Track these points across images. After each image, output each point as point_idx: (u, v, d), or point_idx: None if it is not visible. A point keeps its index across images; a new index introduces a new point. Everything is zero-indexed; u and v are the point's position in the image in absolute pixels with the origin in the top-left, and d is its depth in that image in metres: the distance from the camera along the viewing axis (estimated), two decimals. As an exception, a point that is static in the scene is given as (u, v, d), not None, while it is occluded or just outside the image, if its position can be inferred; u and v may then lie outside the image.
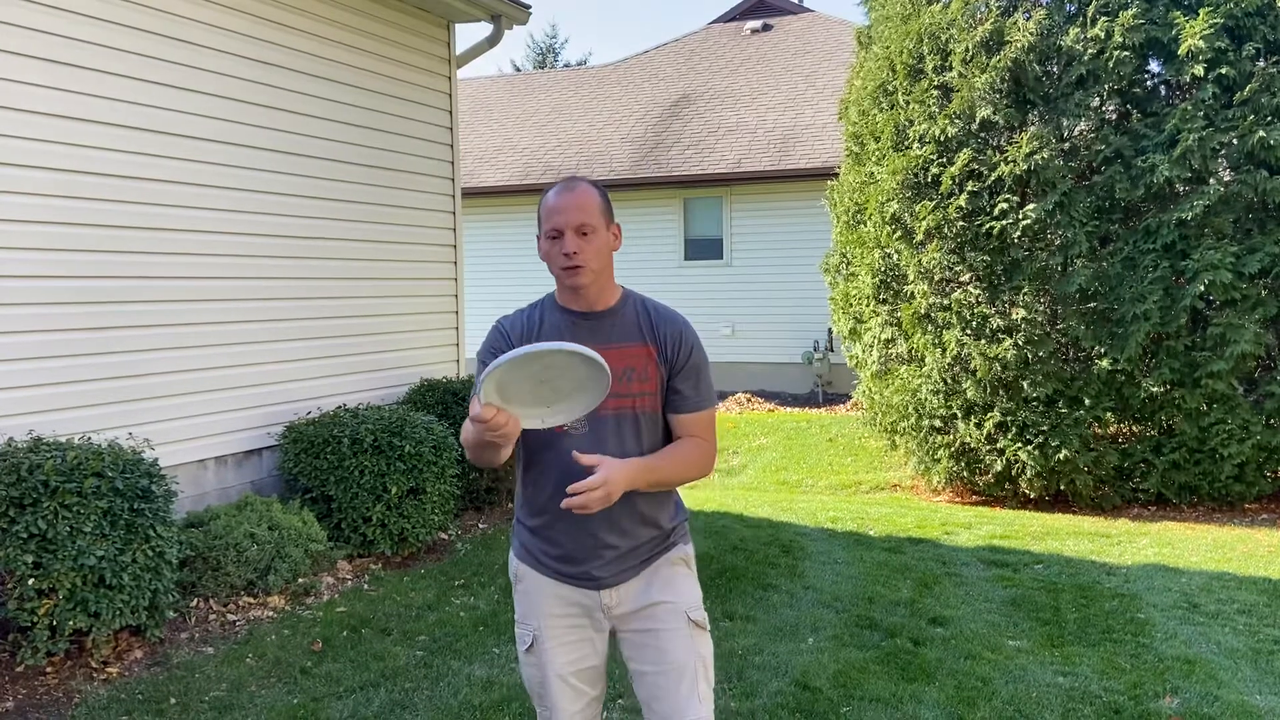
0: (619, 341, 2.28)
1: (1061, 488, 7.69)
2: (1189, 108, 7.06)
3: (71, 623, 3.82)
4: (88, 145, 4.72)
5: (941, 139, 7.76)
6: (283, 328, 5.91)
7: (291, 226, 5.95)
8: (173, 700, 3.76)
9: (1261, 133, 6.84)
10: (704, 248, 14.33)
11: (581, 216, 2.22)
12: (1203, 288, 6.98)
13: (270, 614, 4.71)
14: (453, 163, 7.42)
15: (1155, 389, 7.30)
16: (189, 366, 5.30)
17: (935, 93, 7.91)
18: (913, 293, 8.07)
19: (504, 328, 2.34)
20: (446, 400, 6.44)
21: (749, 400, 13.14)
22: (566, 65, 35.50)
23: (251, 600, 4.80)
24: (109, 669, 4.01)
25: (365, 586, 5.18)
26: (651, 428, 2.30)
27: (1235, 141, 7.04)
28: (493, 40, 7.42)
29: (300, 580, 4.98)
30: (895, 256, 8.29)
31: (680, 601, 2.32)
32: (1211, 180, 7.10)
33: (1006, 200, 7.44)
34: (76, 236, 4.69)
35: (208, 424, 5.41)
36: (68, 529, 3.80)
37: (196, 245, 5.33)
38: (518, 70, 34.68)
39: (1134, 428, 7.78)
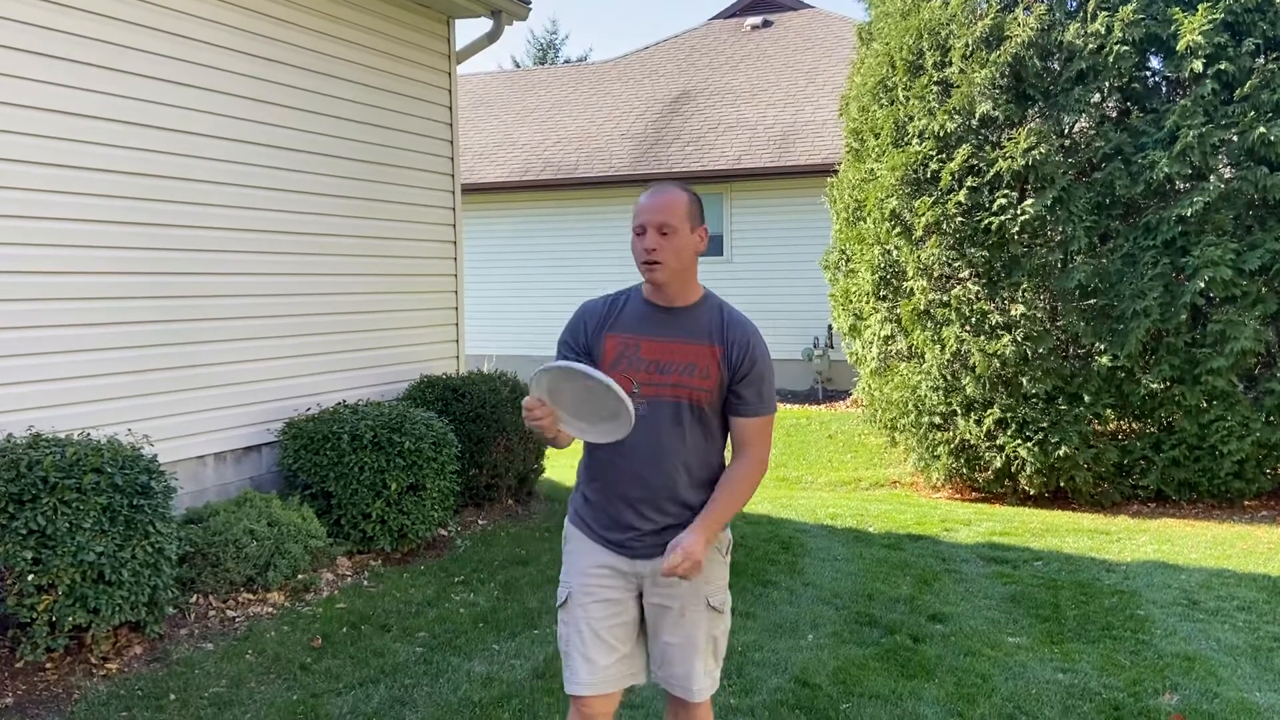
0: (689, 338, 2.48)
1: (1061, 484, 7.69)
2: (1189, 104, 7.05)
3: (71, 619, 3.82)
4: (81, 140, 4.71)
5: (941, 135, 7.75)
6: (282, 324, 5.90)
7: (291, 222, 5.94)
8: (172, 696, 3.76)
9: (1262, 129, 6.83)
10: (704, 244, 14.30)
11: (664, 216, 2.42)
12: (1203, 284, 6.97)
13: (270, 610, 4.71)
14: (453, 159, 7.41)
15: (1155, 386, 7.30)
16: (188, 363, 5.29)
17: (935, 88, 7.90)
18: (912, 289, 8.07)
19: (585, 311, 2.57)
20: (446, 397, 6.44)
21: (749, 397, 13.11)
22: (567, 61, 35.47)
23: (251, 596, 4.80)
24: (109, 665, 4.00)
25: (365, 583, 5.17)
26: (705, 420, 2.49)
27: (1235, 138, 7.03)
28: (493, 36, 7.41)
29: (300, 576, 4.98)
30: (895, 253, 8.28)
31: (702, 588, 2.51)
32: (1212, 177, 7.09)
33: (1006, 196, 7.44)
34: (73, 233, 4.68)
35: (207, 420, 5.41)
36: (67, 525, 3.80)
37: (195, 241, 5.32)
38: (518, 66, 34.63)
39: (1134, 424, 7.78)
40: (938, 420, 8.05)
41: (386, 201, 6.72)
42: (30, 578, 3.73)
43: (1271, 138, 6.82)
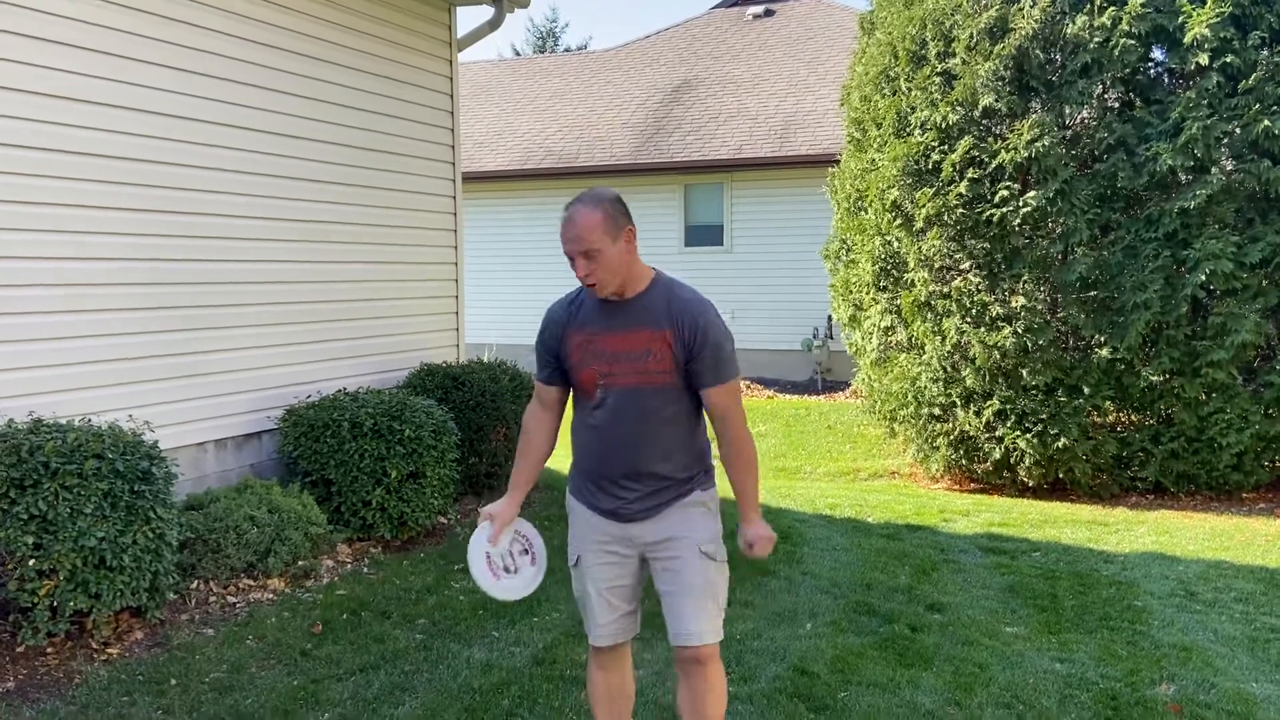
0: (640, 325, 2.67)
1: (1060, 476, 7.71)
2: (1193, 96, 7.04)
3: (72, 603, 3.83)
4: (84, 126, 4.70)
5: (943, 126, 7.74)
6: (283, 311, 5.90)
7: (293, 209, 5.94)
8: (173, 681, 3.77)
9: (1266, 122, 6.83)
10: (704, 234, 14.30)
11: (584, 243, 2.57)
12: (1204, 277, 6.97)
13: (270, 596, 4.73)
14: (453, 146, 7.39)
15: (1155, 378, 7.31)
16: (189, 349, 5.29)
17: (937, 79, 7.89)
18: (913, 280, 8.07)
19: (549, 318, 2.81)
20: (446, 385, 6.44)
21: (748, 387, 13.14)
22: (567, 50, 35.35)
23: (251, 582, 4.81)
24: (109, 650, 4.02)
25: (365, 570, 5.19)
26: (670, 398, 2.69)
27: (1239, 130, 7.03)
28: (494, 24, 7.38)
29: (300, 563, 4.99)
30: (896, 244, 8.28)
31: (693, 536, 2.75)
32: (1214, 169, 7.09)
33: (1007, 188, 7.43)
34: (75, 219, 4.68)
35: (207, 407, 5.41)
36: (68, 510, 3.80)
37: (197, 228, 5.31)
38: (518, 55, 34.53)
39: (1133, 417, 7.79)
40: (937, 411, 8.06)
41: (387, 189, 6.70)
42: (31, 563, 3.74)
43: (1275, 130, 6.82)
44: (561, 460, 7.89)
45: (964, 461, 8.04)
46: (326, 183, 6.18)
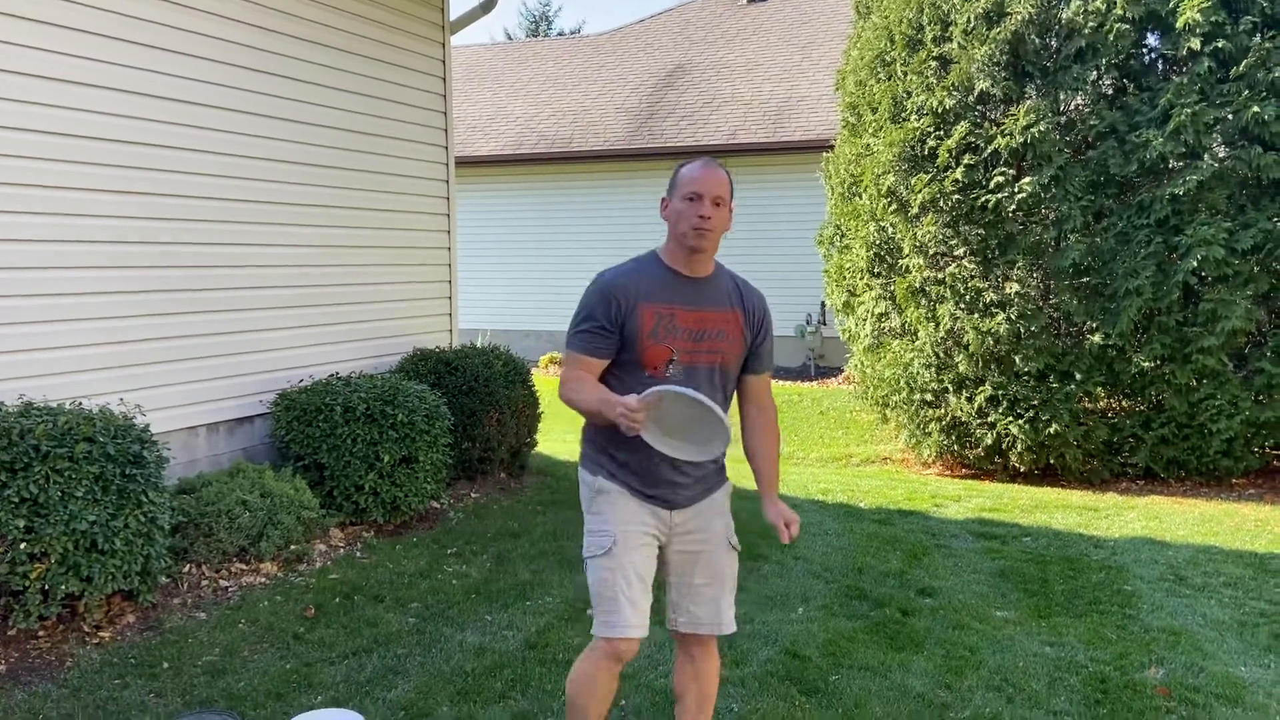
0: (716, 306, 2.69)
1: (1051, 461, 7.74)
2: (1184, 82, 7.04)
3: (64, 587, 3.83)
4: (75, 108, 4.67)
5: (939, 111, 7.73)
6: (275, 295, 5.88)
7: (286, 193, 5.91)
8: (165, 664, 3.77)
9: (1256, 108, 6.83)
10: (698, 219, 14.26)
11: (720, 189, 2.60)
12: (1195, 263, 6.99)
13: (263, 580, 4.73)
14: (446, 130, 7.36)
15: (1146, 364, 7.33)
16: (180, 333, 5.27)
17: (933, 64, 7.87)
18: (907, 266, 8.07)
19: (611, 286, 2.62)
20: (439, 370, 6.43)
21: (741, 373, 13.14)
22: (560, 34, 35.18)
23: (244, 566, 4.81)
24: (101, 633, 4.02)
25: (358, 554, 5.19)
26: (729, 379, 2.75)
27: (1230, 117, 7.02)
28: (486, 6, 7.33)
29: (293, 547, 4.99)
30: (890, 230, 8.27)
31: (725, 527, 2.81)
32: (1205, 156, 7.09)
33: (1002, 174, 7.43)
34: (66, 201, 4.65)
35: (199, 391, 5.40)
36: (59, 494, 3.79)
37: (189, 211, 5.28)
38: (510, 39, 34.36)
39: (1124, 403, 7.82)
40: (930, 397, 8.07)
41: (380, 173, 6.67)
42: (23, 546, 3.73)
43: (1266, 117, 6.82)
44: (554, 445, 7.88)
45: (956, 447, 8.07)
46: (319, 166, 6.15)
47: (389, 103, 6.74)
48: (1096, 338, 7.34)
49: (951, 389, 7.88)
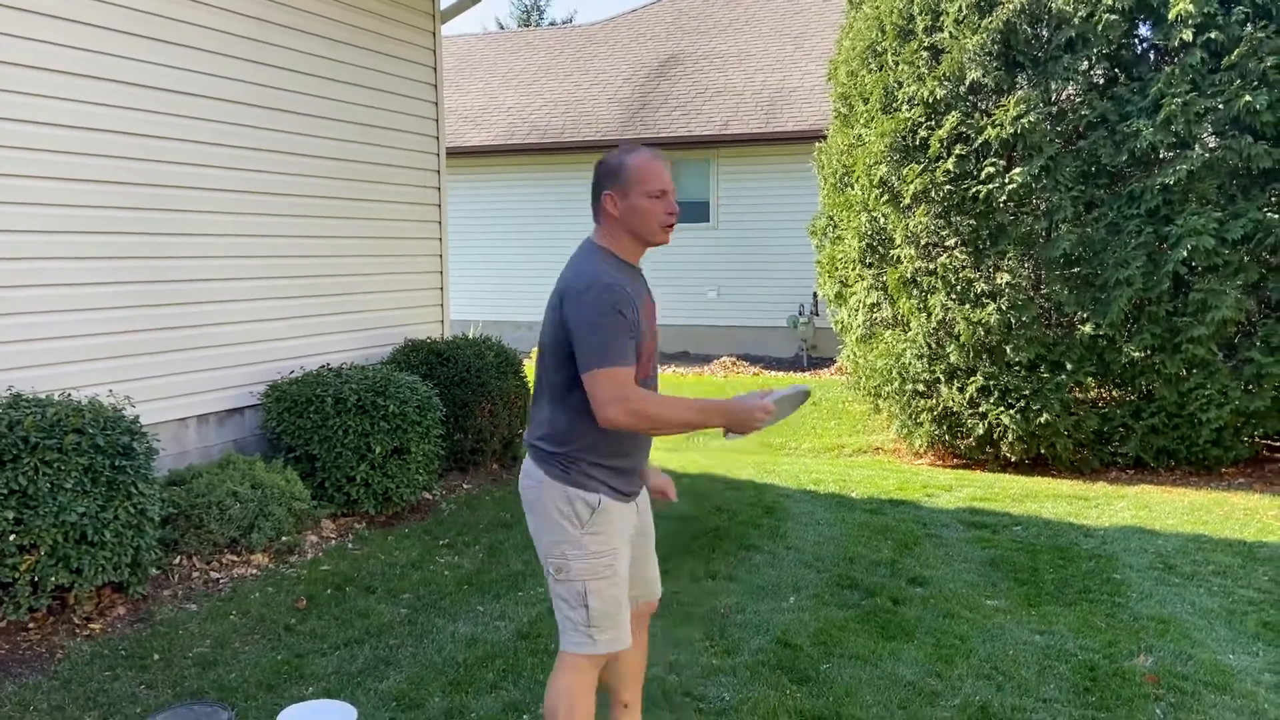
0: (650, 294, 2.70)
1: (1041, 451, 7.76)
2: (1175, 72, 7.04)
3: (54, 579, 3.82)
4: (65, 98, 4.64)
5: (930, 101, 7.72)
6: (265, 286, 5.86)
7: (276, 184, 5.88)
8: (156, 656, 3.77)
9: (1248, 97, 6.83)
10: (690, 210, 14.25)
11: (673, 184, 2.61)
12: (1185, 253, 7.00)
13: (254, 572, 4.72)
14: (437, 120, 7.33)
15: (1136, 354, 7.35)
16: (170, 324, 5.25)
17: (925, 54, 7.86)
18: (899, 257, 8.07)
19: (621, 287, 2.49)
20: (431, 361, 6.42)
21: (734, 364, 13.16)
22: (552, 24, 35.06)
23: (235, 558, 4.80)
24: (92, 625, 4.01)
25: (349, 545, 5.19)
26: None
27: (1221, 106, 7.02)
28: (477, -5, 7.31)
29: (284, 538, 4.98)
30: (882, 220, 8.27)
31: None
32: (1196, 146, 7.10)
33: (993, 164, 7.43)
34: (55, 192, 4.62)
35: (189, 382, 5.38)
36: (48, 485, 3.78)
37: (180, 202, 5.26)
38: (502, 28, 34.21)
39: (1114, 392, 7.84)
40: (921, 388, 8.09)
41: (371, 163, 6.65)
42: (12, 538, 3.72)
43: (1257, 106, 6.83)
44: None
45: (947, 437, 8.09)
46: (309, 156, 6.13)
47: (380, 93, 6.71)
48: (1087, 328, 7.35)
49: (943, 379, 7.90)
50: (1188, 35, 6.97)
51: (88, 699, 3.42)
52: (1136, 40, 7.61)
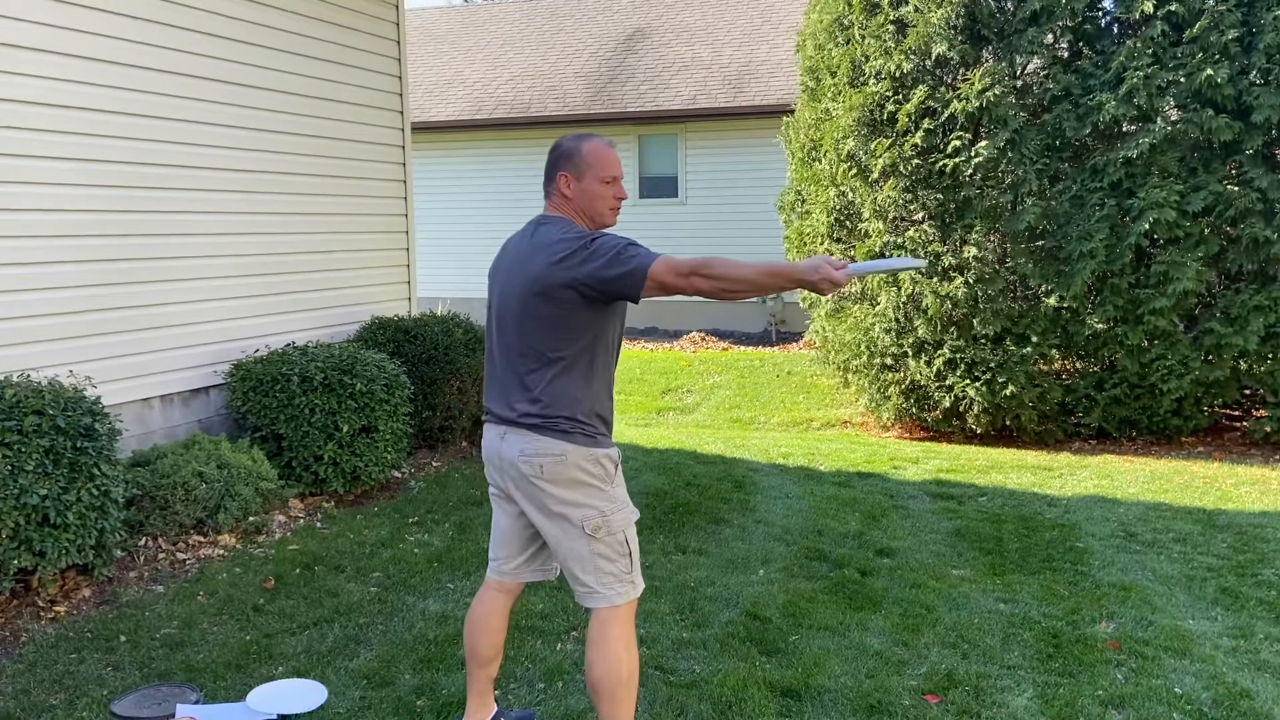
0: None
1: (1007, 423, 7.86)
2: (1137, 45, 7.09)
3: (16, 562, 3.77)
4: (14, 73, 4.52)
5: (897, 75, 7.73)
6: (228, 264, 5.78)
7: (238, 160, 5.79)
8: (123, 638, 3.74)
9: (1209, 71, 6.90)
10: (659, 185, 14.22)
11: (622, 171, 2.80)
12: (1147, 226, 7.09)
13: (221, 552, 4.68)
14: (401, 95, 7.24)
15: (1099, 326, 7.45)
16: (132, 303, 5.17)
17: (891, 27, 7.86)
18: (867, 231, 8.11)
19: None
20: (398, 338, 6.37)
21: (703, 339, 13.18)
22: (519, -3, 34.60)
23: (201, 539, 4.76)
24: (57, 608, 3.96)
25: (318, 525, 5.16)
26: None
27: (1183, 80, 7.10)
28: (441, -32, 7.19)
29: (251, 519, 4.94)
30: (851, 194, 8.30)
31: None
32: (1158, 119, 7.17)
33: (959, 138, 7.47)
34: (11, 169, 4.51)
35: (152, 362, 5.31)
36: (9, 468, 3.72)
37: (140, 179, 5.16)
38: (466, 1, 33.76)
39: (1078, 364, 7.95)
40: (889, 361, 8.15)
41: (334, 138, 6.56)
42: (-29, 522, 3.66)
43: (1219, 80, 6.90)
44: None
45: (914, 410, 8.17)
46: (271, 132, 6.03)
47: (341, 66, 6.61)
48: (1051, 300, 7.43)
49: (911, 353, 7.96)
50: (1149, 8, 7.02)
51: (53, 682, 3.38)
52: (1099, 13, 7.66)
